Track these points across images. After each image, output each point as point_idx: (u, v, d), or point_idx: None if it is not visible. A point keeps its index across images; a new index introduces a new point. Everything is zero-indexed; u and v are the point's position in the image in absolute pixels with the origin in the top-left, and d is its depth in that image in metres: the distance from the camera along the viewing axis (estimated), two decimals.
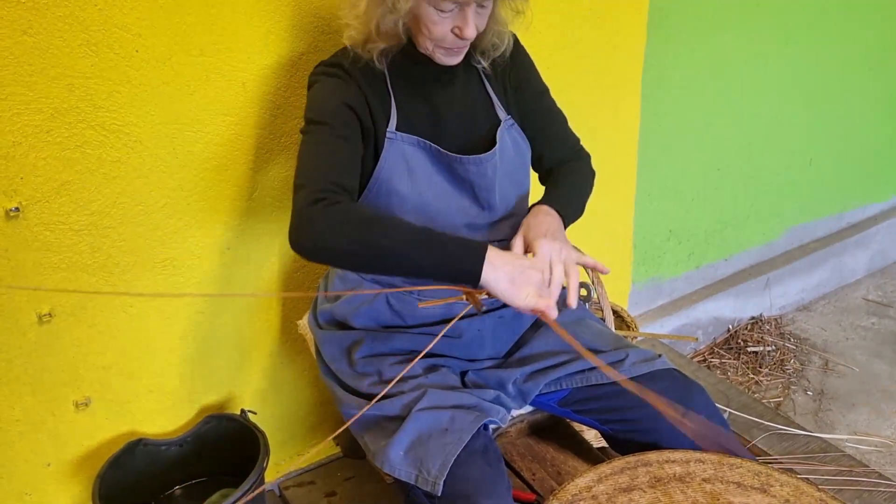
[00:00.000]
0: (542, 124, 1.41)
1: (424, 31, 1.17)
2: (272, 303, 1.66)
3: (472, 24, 1.15)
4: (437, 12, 1.13)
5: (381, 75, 1.26)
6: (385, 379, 1.27)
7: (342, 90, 1.23)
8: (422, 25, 1.16)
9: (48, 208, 1.32)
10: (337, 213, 1.08)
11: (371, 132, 1.25)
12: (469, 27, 1.15)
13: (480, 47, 1.30)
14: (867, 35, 2.73)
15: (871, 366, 2.57)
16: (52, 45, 1.23)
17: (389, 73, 1.26)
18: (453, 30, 1.16)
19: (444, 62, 1.23)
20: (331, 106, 1.21)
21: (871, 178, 3.10)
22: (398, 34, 1.19)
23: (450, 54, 1.22)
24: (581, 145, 1.47)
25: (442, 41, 1.18)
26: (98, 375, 1.49)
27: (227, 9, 1.37)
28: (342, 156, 1.18)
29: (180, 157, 1.42)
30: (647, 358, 1.31)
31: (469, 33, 1.16)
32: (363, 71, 1.24)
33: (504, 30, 1.28)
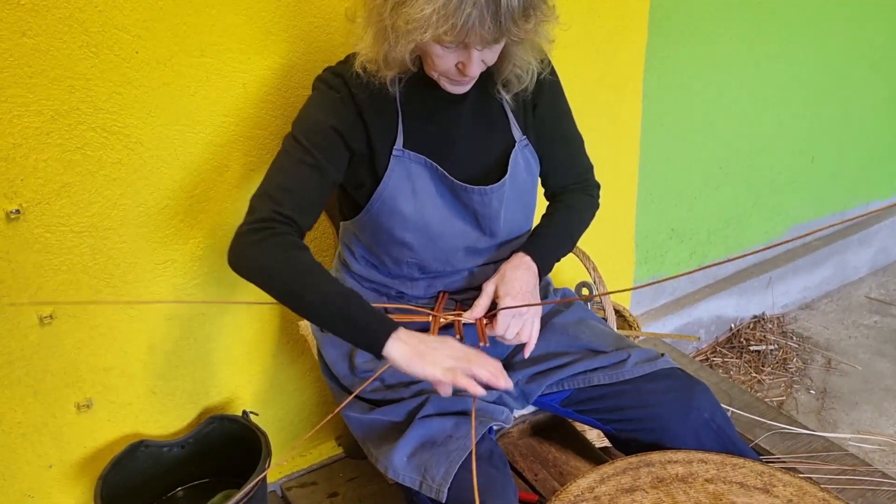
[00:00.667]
0: (554, 149, 1.39)
1: (429, 62, 1.16)
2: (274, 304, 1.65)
3: (475, 62, 1.12)
4: (441, 48, 1.11)
5: (391, 93, 1.23)
6: (387, 384, 1.27)
7: (335, 110, 1.21)
8: (427, 56, 1.15)
9: (49, 210, 1.32)
10: (270, 248, 1.12)
11: (365, 152, 1.24)
12: (472, 66, 1.12)
13: (501, 79, 1.26)
14: (869, 33, 2.72)
15: (874, 364, 2.56)
16: (52, 47, 1.23)
17: (401, 92, 1.24)
18: (457, 65, 1.14)
19: (451, 90, 1.21)
20: (315, 126, 1.21)
21: (873, 176, 3.09)
22: (406, 64, 1.17)
23: (455, 85, 1.20)
24: (590, 174, 1.45)
25: (447, 73, 1.16)
26: (99, 377, 1.49)
27: (227, 10, 1.36)
28: (303, 184, 1.18)
29: (181, 159, 1.41)
30: (649, 357, 1.30)
31: (471, 72, 1.13)
32: (369, 85, 1.21)
33: (530, 60, 1.24)
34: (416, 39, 1.07)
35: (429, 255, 1.29)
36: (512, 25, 1.04)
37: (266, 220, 1.14)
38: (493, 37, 1.06)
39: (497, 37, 1.06)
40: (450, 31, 1.03)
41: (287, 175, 1.19)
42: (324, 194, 1.22)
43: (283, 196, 1.16)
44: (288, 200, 1.16)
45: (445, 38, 1.05)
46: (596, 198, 1.45)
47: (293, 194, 1.17)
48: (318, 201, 1.21)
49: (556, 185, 1.43)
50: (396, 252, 1.29)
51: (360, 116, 1.22)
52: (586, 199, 1.43)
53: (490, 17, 1.02)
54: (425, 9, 1.02)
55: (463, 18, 1.02)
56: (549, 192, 1.45)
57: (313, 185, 1.19)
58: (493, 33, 1.05)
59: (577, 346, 1.34)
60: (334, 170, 1.21)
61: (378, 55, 1.15)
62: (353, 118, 1.22)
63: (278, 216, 1.14)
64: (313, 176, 1.19)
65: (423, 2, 1.02)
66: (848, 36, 2.65)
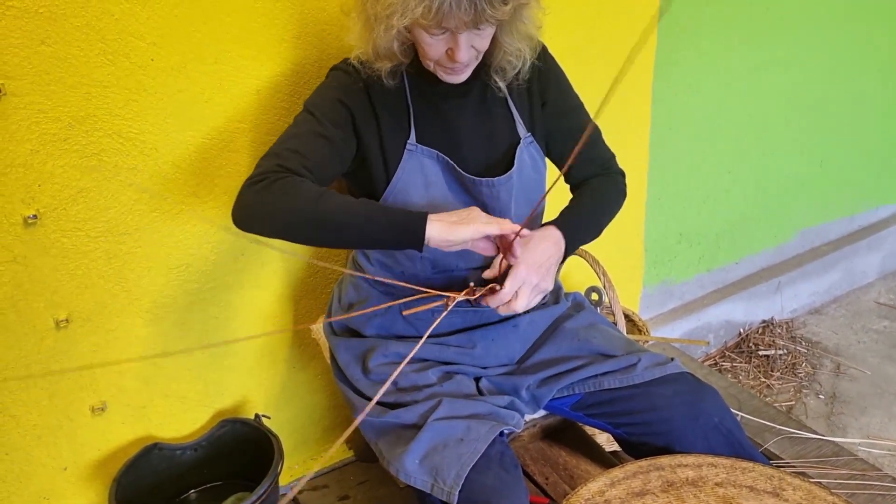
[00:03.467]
0: (572, 142, 1.39)
1: (420, 51, 1.17)
2: (286, 308, 1.67)
3: (463, 48, 1.13)
4: (429, 35, 1.12)
5: (400, 87, 1.26)
6: (401, 387, 1.28)
7: (348, 91, 1.24)
8: (418, 45, 1.17)
9: (65, 215, 1.34)
10: (279, 188, 1.09)
11: (375, 144, 1.25)
12: (460, 51, 1.13)
13: (493, 66, 1.27)
14: (877, 38, 2.72)
15: (884, 369, 2.56)
16: (69, 55, 1.25)
17: (409, 85, 1.26)
18: (447, 52, 1.15)
19: (447, 80, 1.22)
20: (328, 101, 1.23)
21: (882, 180, 3.09)
22: (396, 54, 1.19)
23: (450, 73, 1.21)
24: (613, 162, 1.45)
25: (439, 61, 1.18)
26: (114, 380, 1.50)
27: (241, 18, 1.38)
28: (311, 148, 1.18)
29: (195, 164, 1.43)
30: (659, 362, 1.31)
31: (461, 57, 1.14)
32: (380, 82, 1.23)
33: (521, 48, 1.24)
34: (395, 24, 1.08)
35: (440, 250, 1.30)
36: (487, 6, 1.05)
37: (270, 172, 1.12)
38: (471, 18, 1.06)
39: (475, 19, 1.07)
40: (426, 15, 1.05)
41: (295, 139, 1.19)
42: (333, 165, 1.21)
43: (290, 155, 1.15)
44: (294, 159, 1.15)
45: (423, 21, 1.06)
46: (622, 185, 1.44)
47: (300, 155, 1.16)
48: (328, 169, 1.20)
49: (581, 177, 1.42)
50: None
51: (373, 109, 1.25)
52: (611, 186, 1.42)
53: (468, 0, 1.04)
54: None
55: (438, 1, 1.03)
56: (574, 185, 1.44)
57: (322, 151, 1.19)
58: (470, 15, 1.05)
59: (588, 351, 1.35)
60: (343, 145, 1.22)
61: (368, 46, 1.18)
62: (366, 108, 1.24)
63: (280, 168, 1.13)
64: (322, 144, 1.19)
65: None
66: (857, 40, 2.65)
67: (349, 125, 1.23)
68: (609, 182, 1.42)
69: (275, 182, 1.10)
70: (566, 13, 1.83)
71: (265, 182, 1.10)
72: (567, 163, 1.15)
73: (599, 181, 1.41)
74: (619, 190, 1.43)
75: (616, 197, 1.42)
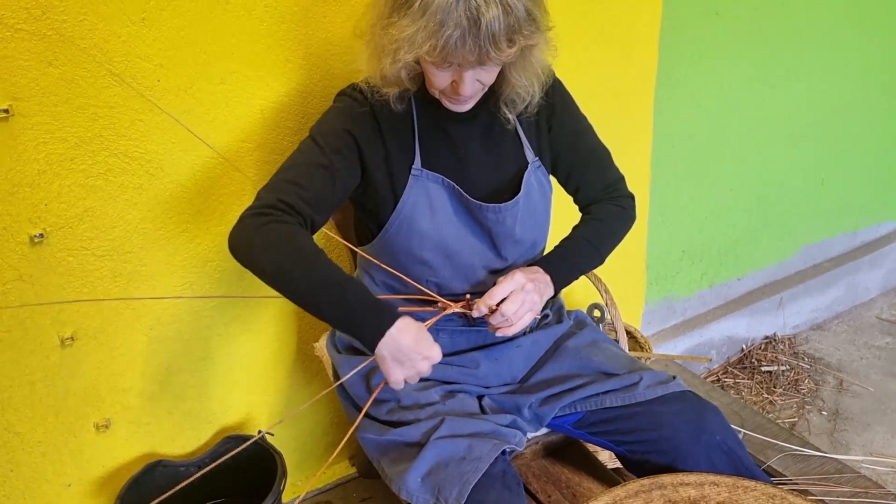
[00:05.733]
0: (579, 164, 1.40)
1: (427, 80, 1.19)
2: (289, 325, 1.68)
3: (467, 83, 1.14)
4: (434, 66, 1.13)
5: (407, 112, 1.27)
6: (403, 405, 1.29)
7: (355, 118, 1.25)
8: (425, 74, 1.18)
9: (71, 234, 1.35)
10: (273, 232, 1.10)
11: (382, 169, 1.26)
12: (463, 85, 1.14)
13: (502, 98, 1.28)
14: (879, 56, 2.74)
15: (887, 385, 2.56)
16: (76, 76, 1.27)
17: (416, 110, 1.28)
18: (452, 84, 1.16)
19: (452, 108, 1.24)
20: (333, 128, 1.24)
21: (883, 196, 3.10)
22: (405, 82, 1.20)
23: (454, 103, 1.22)
24: (621, 185, 1.45)
25: (444, 92, 1.19)
26: (119, 397, 1.51)
27: (247, 38, 1.40)
28: (312, 181, 1.18)
29: (200, 184, 1.44)
30: (661, 380, 1.32)
31: (464, 91, 1.15)
32: (387, 106, 1.25)
33: (530, 83, 1.24)
34: (402, 59, 1.10)
35: (447, 273, 1.31)
36: (492, 48, 1.06)
37: (269, 207, 1.13)
38: (476, 58, 1.08)
39: (480, 59, 1.08)
40: (431, 52, 1.06)
41: (296, 171, 1.20)
42: (334, 196, 1.22)
43: (290, 188, 1.17)
44: (294, 193, 1.16)
45: (428, 58, 1.08)
46: (628, 209, 1.44)
47: (301, 188, 1.17)
48: (327, 200, 1.21)
49: (587, 200, 1.43)
50: (416, 272, 1.31)
51: (380, 133, 1.26)
52: (615, 210, 1.42)
53: (471, 39, 1.04)
54: (408, 29, 1.05)
55: (444, 40, 1.04)
56: (583, 207, 1.45)
57: (323, 183, 1.20)
58: (474, 54, 1.07)
59: (590, 369, 1.36)
60: (346, 174, 1.23)
61: (376, 73, 1.19)
62: (373, 133, 1.25)
63: (282, 204, 1.14)
64: (324, 176, 1.20)
65: (406, 22, 1.06)
66: (858, 58, 2.67)
67: (353, 153, 1.24)
68: (614, 209, 1.43)
69: (271, 223, 1.11)
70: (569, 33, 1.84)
71: (264, 220, 1.12)
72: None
73: (604, 209, 1.42)
74: (625, 215, 1.44)
75: (621, 223, 1.43)
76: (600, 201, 1.43)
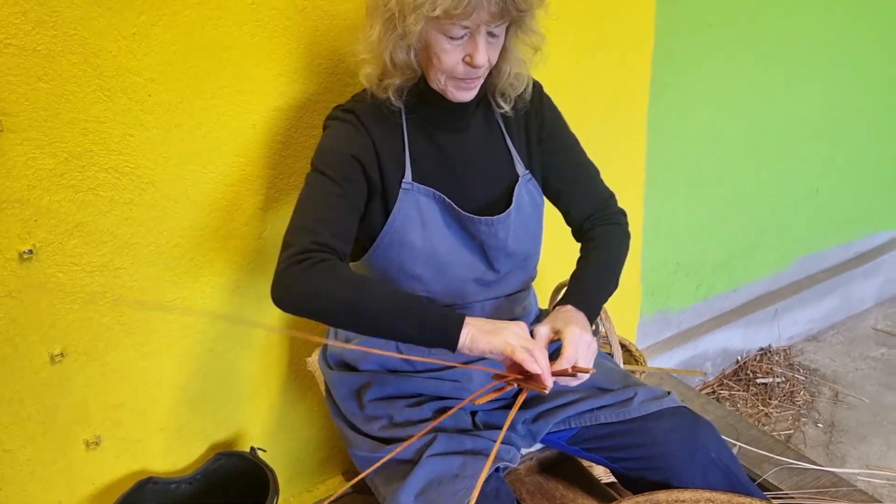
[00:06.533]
0: (570, 180, 1.40)
1: (435, 61, 1.17)
2: (281, 340, 1.67)
3: (482, 50, 1.14)
4: (448, 39, 1.13)
5: (397, 124, 1.26)
6: (396, 422, 1.28)
7: (352, 140, 1.24)
8: (432, 55, 1.16)
9: (61, 250, 1.34)
10: (320, 271, 1.10)
11: (378, 185, 1.26)
12: (480, 54, 1.14)
13: (499, 87, 1.28)
14: (872, 67, 2.75)
15: (882, 397, 2.56)
16: (66, 91, 1.26)
17: (406, 121, 1.27)
18: (464, 59, 1.16)
19: (457, 97, 1.22)
20: (337, 156, 1.22)
21: (877, 207, 3.10)
22: (412, 66, 1.19)
23: (462, 88, 1.21)
24: (613, 202, 1.44)
25: (453, 72, 1.18)
26: (109, 414, 1.50)
27: (239, 52, 1.39)
28: (335, 214, 1.19)
29: (192, 198, 1.44)
30: (655, 396, 1.31)
31: (480, 60, 1.15)
32: (378, 119, 1.25)
33: (522, 70, 1.27)
34: (426, 13, 1.08)
35: (439, 286, 1.31)
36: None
37: (306, 251, 1.12)
38: (499, 10, 1.09)
39: (502, 9, 1.09)
40: (459, 4, 1.06)
41: (319, 206, 1.19)
42: (354, 223, 1.23)
43: (319, 226, 1.16)
44: (324, 230, 1.16)
45: (455, 11, 1.07)
46: (625, 226, 1.43)
47: (329, 223, 1.17)
48: (352, 229, 1.22)
49: (581, 217, 1.41)
50: (408, 286, 1.30)
51: (374, 149, 1.25)
52: (617, 231, 1.41)
53: None
54: None
55: None
56: (576, 227, 1.43)
57: (345, 213, 1.20)
58: (498, 5, 1.08)
59: (585, 385, 1.34)
60: (359, 198, 1.23)
61: (384, 56, 1.17)
62: (369, 148, 1.24)
63: (317, 245, 1.13)
64: (343, 205, 1.20)
65: None
66: (851, 70, 2.68)
67: (360, 176, 1.23)
68: (615, 229, 1.41)
69: (316, 264, 1.10)
70: (562, 45, 1.84)
71: (307, 263, 1.10)
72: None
73: (607, 232, 1.40)
74: (624, 234, 1.42)
75: (625, 243, 1.41)
76: (598, 222, 1.41)
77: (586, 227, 1.41)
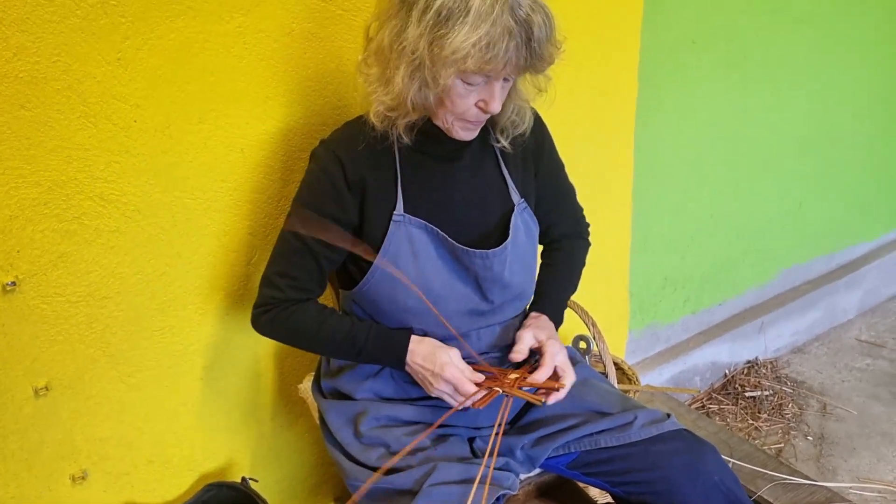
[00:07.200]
0: (555, 202, 1.44)
1: (448, 104, 1.16)
2: (271, 367, 1.63)
3: (498, 98, 1.15)
4: (465, 85, 1.12)
5: (389, 154, 1.25)
6: (393, 451, 1.25)
7: (326, 194, 1.24)
8: (446, 98, 1.15)
9: (45, 280, 1.30)
10: (281, 326, 1.28)
11: (365, 222, 1.25)
12: (496, 101, 1.14)
13: (500, 125, 1.29)
14: (851, 83, 2.79)
15: (869, 408, 2.56)
16: (50, 119, 1.23)
17: (398, 152, 1.25)
18: (478, 103, 1.15)
19: (462, 137, 1.22)
20: (310, 213, 1.25)
21: (858, 218, 3.13)
22: (431, 106, 1.18)
23: (468, 128, 1.21)
24: (582, 215, 1.52)
25: (464, 115, 1.17)
26: (96, 447, 1.46)
27: (226, 76, 1.37)
28: (303, 272, 1.27)
29: (179, 225, 1.40)
30: (655, 419, 1.29)
31: (494, 107, 1.15)
32: (368, 151, 1.22)
33: (525, 106, 1.27)
34: (461, 68, 1.08)
35: (432, 319, 1.28)
36: (542, 52, 1.10)
37: (268, 305, 1.28)
38: (527, 62, 1.10)
39: (529, 62, 1.10)
40: (493, 59, 1.06)
41: (284, 261, 1.28)
42: (323, 273, 1.29)
43: (282, 282, 1.27)
44: (287, 285, 1.27)
45: (487, 67, 1.07)
46: (587, 236, 1.54)
47: (292, 279, 1.27)
48: (318, 279, 1.30)
49: (557, 233, 1.48)
50: (400, 319, 1.28)
51: (353, 190, 1.24)
52: (582, 244, 1.53)
53: (524, 44, 1.07)
54: (469, 38, 1.04)
55: (504, 46, 1.05)
56: (549, 241, 1.49)
57: (310, 269, 1.27)
58: (525, 60, 1.09)
59: (583, 408, 1.33)
60: (331, 252, 1.26)
61: (406, 95, 1.15)
62: (347, 196, 1.24)
63: (276, 301, 1.27)
64: (309, 262, 1.26)
65: (465, 33, 1.04)
66: (833, 87, 2.71)
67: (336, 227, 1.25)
68: (580, 244, 1.52)
69: (277, 316, 1.27)
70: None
71: (269, 314, 1.28)
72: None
73: (571, 245, 1.50)
74: (587, 244, 1.54)
75: (585, 252, 1.53)
76: (568, 236, 1.50)
77: (557, 240, 1.50)
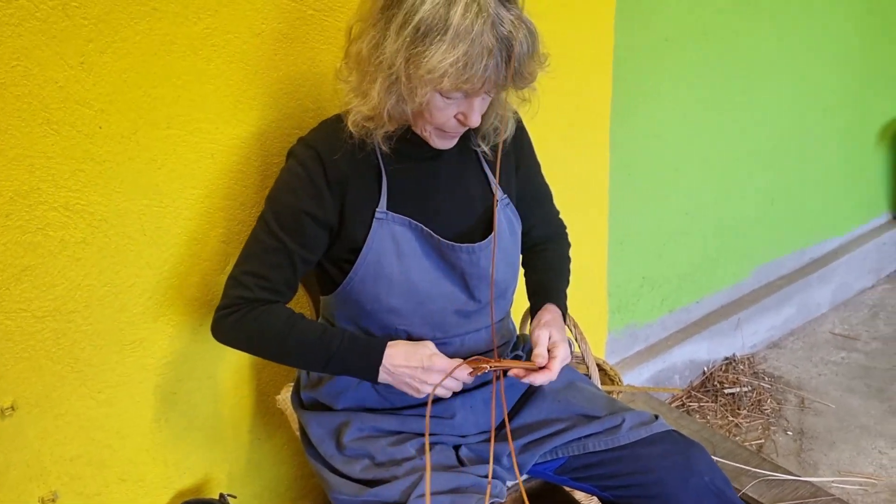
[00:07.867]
0: (535, 203, 1.42)
1: (427, 115, 1.13)
2: (248, 378, 1.59)
3: (477, 112, 1.12)
4: (444, 99, 1.10)
5: (370, 153, 1.21)
6: (378, 462, 1.21)
7: (306, 191, 1.19)
8: (425, 111, 1.13)
9: (9, 296, 1.25)
10: (244, 329, 1.20)
11: (344, 221, 1.22)
12: (474, 114, 1.12)
13: (481, 131, 1.27)
14: (822, 83, 2.83)
15: (846, 401, 2.57)
16: (10, 126, 1.17)
17: (379, 150, 1.22)
18: (457, 116, 1.13)
19: (439, 146, 1.20)
20: (286, 209, 1.20)
21: (828, 214, 3.17)
22: (406, 118, 1.16)
23: (446, 138, 1.19)
24: (560, 219, 1.52)
25: (443, 126, 1.15)
26: (66, 468, 1.40)
27: (194, 80, 1.32)
28: (275, 271, 1.21)
29: (149, 234, 1.36)
30: (644, 421, 1.27)
31: (473, 121, 1.13)
32: (348, 150, 1.19)
33: (507, 114, 1.25)
34: (437, 87, 1.06)
35: (417, 319, 1.25)
36: (524, 69, 1.08)
37: (234, 305, 1.20)
38: (505, 81, 1.08)
39: (508, 81, 1.08)
40: (470, 79, 1.04)
41: (256, 261, 1.21)
42: (296, 274, 1.23)
43: (252, 281, 1.20)
44: (257, 286, 1.20)
45: (464, 86, 1.05)
46: (567, 237, 1.54)
47: (263, 279, 1.20)
48: (290, 281, 1.23)
49: (538, 237, 1.46)
50: (384, 320, 1.24)
51: (333, 189, 1.20)
52: (565, 244, 1.52)
53: (504, 62, 1.05)
54: (446, 58, 1.01)
55: (483, 66, 1.03)
56: (531, 244, 1.47)
57: (283, 268, 1.21)
58: (505, 78, 1.07)
59: (570, 412, 1.31)
60: (307, 252, 1.22)
61: (382, 108, 1.12)
62: (326, 194, 1.20)
63: (243, 301, 1.20)
64: (283, 261, 1.21)
65: (443, 52, 1.01)
66: (803, 86, 2.75)
67: (313, 228, 1.21)
68: (564, 244, 1.52)
69: (245, 316, 1.19)
70: None
71: (236, 315, 1.20)
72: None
73: (558, 245, 1.50)
74: (568, 245, 1.53)
75: (569, 253, 1.52)
76: (551, 238, 1.49)
77: (541, 242, 1.48)
